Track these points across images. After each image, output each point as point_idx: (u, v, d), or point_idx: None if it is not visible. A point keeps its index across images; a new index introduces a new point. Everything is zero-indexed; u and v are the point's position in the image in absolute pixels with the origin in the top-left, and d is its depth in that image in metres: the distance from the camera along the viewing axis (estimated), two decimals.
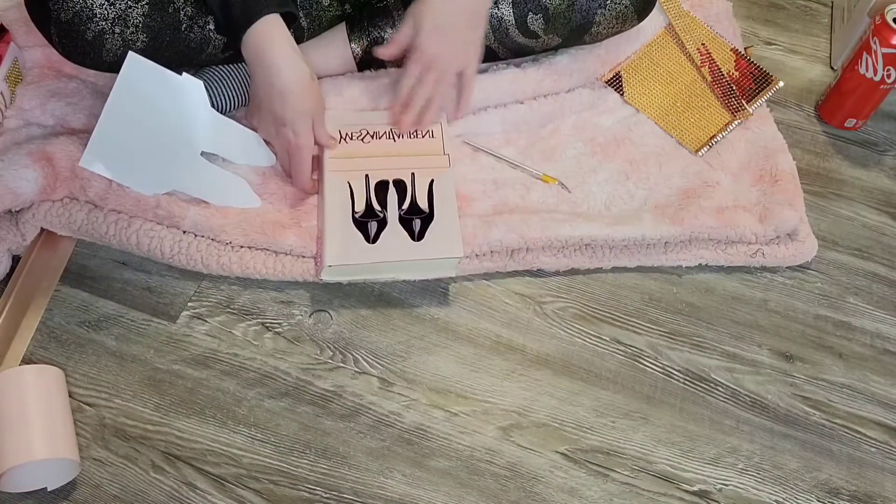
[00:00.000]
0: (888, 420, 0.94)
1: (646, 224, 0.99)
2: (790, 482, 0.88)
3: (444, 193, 0.98)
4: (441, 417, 0.89)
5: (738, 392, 0.94)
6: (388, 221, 0.95)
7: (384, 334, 0.94)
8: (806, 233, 1.04)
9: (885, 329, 1.01)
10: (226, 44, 0.97)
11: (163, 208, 0.94)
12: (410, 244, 0.94)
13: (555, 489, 0.86)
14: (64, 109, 1.01)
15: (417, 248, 0.93)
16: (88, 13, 0.90)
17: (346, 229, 0.94)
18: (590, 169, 1.06)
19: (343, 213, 0.95)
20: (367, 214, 0.95)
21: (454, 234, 0.94)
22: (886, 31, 1.05)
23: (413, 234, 0.94)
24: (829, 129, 1.18)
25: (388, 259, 0.93)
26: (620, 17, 1.07)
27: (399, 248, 0.93)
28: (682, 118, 1.13)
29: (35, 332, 0.91)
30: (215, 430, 0.86)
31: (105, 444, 0.84)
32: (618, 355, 0.95)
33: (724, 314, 1.00)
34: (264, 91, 0.93)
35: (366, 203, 0.96)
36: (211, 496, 0.82)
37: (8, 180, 0.90)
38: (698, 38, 1.19)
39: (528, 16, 1.04)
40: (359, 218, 0.95)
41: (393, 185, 0.98)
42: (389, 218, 0.95)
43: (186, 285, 0.95)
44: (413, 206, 0.96)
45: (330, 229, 0.94)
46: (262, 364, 0.91)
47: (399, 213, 0.96)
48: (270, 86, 0.92)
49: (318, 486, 0.84)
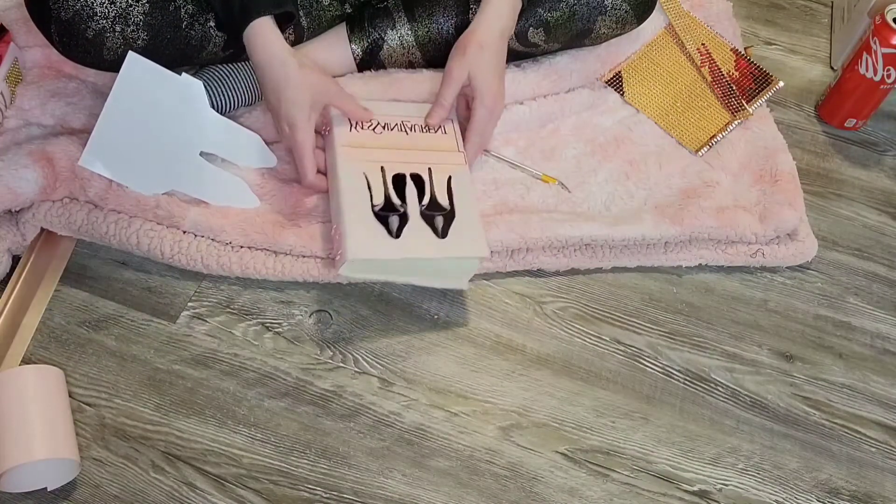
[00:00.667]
0: (888, 420, 0.94)
1: (646, 224, 0.99)
2: (790, 482, 0.88)
3: (463, 191, 0.95)
4: (441, 417, 0.89)
5: (738, 392, 0.94)
6: (410, 217, 0.92)
7: (384, 334, 0.94)
8: (806, 233, 1.04)
9: (885, 329, 1.01)
10: (226, 41, 0.97)
11: (163, 208, 0.94)
12: (435, 241, 0.90)
13: (555, 489, 0.86)
14: (64, 109, 1.01)
15: (442, 245, 0.90)
16: (89, 12, 0.90)
17: (368, 222, 0.89)
18: (590, 169, 1.06)
19: (362, 205, 0.91)
20: (387, 208, 0.92)
21: (478, 233, 0.92)
22: (886, 31, 1.05)
23: (437, 231, 0.91)
24: (829, 129, 1.18)
25: (413, 255, 0.89)
26: (620, 22, 1.07)
27: (424, 245, 0.89)
28: (683, 118, 1.13)
29: (35, 332, 0.91)
30: (215, 430, 0.86)
31: (105, 444, 0.84)
32: (618, 355, 0.95)
33: (724, 314, 1.00)
34: (262, 91, 0.94)
35: (384, 196, 0.93)
36: (211, 496, 0.82)
37: (8, 180, 0.90)
38: (698, 38, 1.19)
39: (529, 31, 1.04)
40: (378, 212, 0.91)
41: (411, 179, 0.95)
42: (410, 213, 0.92)
43: (186, 285, 0.95)
44: (433, 202, 0.94)
45: (350, 222, 0.89)
46: (262, 364, 0.91)
47: (420, 209, 0.93)
48: (264, 85, 0.93)
49: (318, 486, 0.84)
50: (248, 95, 1.03)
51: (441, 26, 1.05)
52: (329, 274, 0.95)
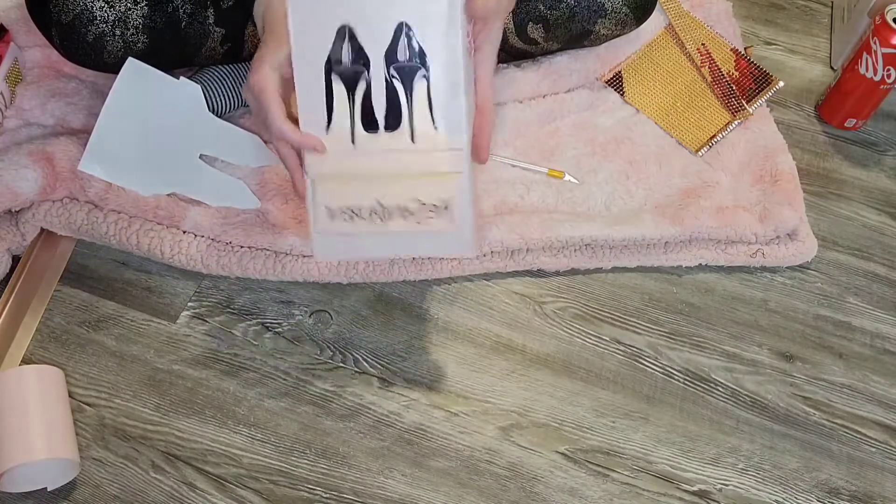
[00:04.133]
0: (888, 420, 0.94)
1: (646, 224, 0.99)
2: (790, 482, 0.88)
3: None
4: (441, 417, 0.89)
5: (738, 392, 0.94)
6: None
7: (384, 334, 0.94)
8: (806, 233, 1.04)
9: (885, 329, 1.01)
10: (224, 36, 0.97)
11: (163, 209, 0.95)
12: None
13: (555, 489, 0.86)
14: (64, 109, 1.01)
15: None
16: (89, 16, 0.90)
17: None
18: (590, 169, 1.06)
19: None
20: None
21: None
22: (886, 31, 1.05)
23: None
24: (829, 129, 1.18)
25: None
26: (620, 24, 1.07)
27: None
28: (683, 118, 1.13)
29: (35, 332, 0.91)
30: (215, 430, 0.86)
31: (105, 444, 0.84)
32: (618, 355, 0.95)
33: (724, 314, 1.00)
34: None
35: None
36: (211, 496, 0.82)
37: (8, 180, 0.90)
38: (698, 38, 1.19)
39: (528, 25, 1.04)
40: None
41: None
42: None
43: (186, 285, 0.95)
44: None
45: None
46: (262, 364, 0.91)
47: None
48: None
49: (318, 486, 0.84)
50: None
51: None
52: (329, 274, 0.95)
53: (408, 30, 0.74)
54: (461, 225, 0.80)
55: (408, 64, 0.76)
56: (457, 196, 0.79)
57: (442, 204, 0.79)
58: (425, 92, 0.76)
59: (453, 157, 0.78)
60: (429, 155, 0.78)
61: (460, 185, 0.78)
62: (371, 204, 0.80)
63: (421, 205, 0.79)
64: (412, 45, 0.75)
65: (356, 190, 0.79)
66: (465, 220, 0.80)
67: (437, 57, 0.75)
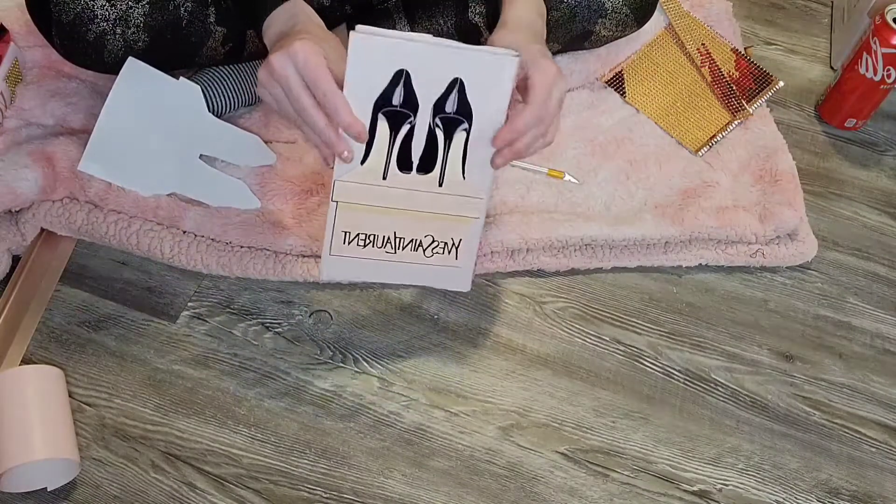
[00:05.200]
0: (888, 420, 0.94)
1: (646, 224, 0.99)
2: (790, 482, 0.88)
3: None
4: (441, 417, 0.89)
5: (738, 392, 0.94)
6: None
7: (384, 334, 0.94)
8: (806, 233, 1.04)
9: (885, 329, 1.01)
10: (225, 35, 0.97)
11: (163, 209, 0.95)
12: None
13: (555, 489, 0.86)
14: (64, 109, 1.01)
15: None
16: (90, 14, 0.90)
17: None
18: (590, 169, 1.06)
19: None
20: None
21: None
22: (886, 31, 1.05)
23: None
24: (829, 129, 1.18)
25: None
26: (621, 25, 1.07)
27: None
28: (683, 118, 1.13)
29: (35, 332, 0.91)
30: (215, 430, 0.86)
31: (105, 444, 0.84)
32: (618, 355, 0.95)
33: (724, 314, 1.00)
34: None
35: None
36: (211, 496, 0.82)
37: (8, 180, 0.90)
38: (698, 38, 1.19)
39: None
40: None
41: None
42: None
43: (186, 285, 0.95)
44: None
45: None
46: (262, 364, 0.91)
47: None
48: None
49: (318, 486, 0.84)
50: (247, 96, 1.03)
51: (441, 27, 1.05)
52: None
53: (461, 86, 0.77)
54: (464, 263, 0.88)
55: (454, 116, 0.79)
56: (467, 238, 0.86)
57: (452, 243, 0.86)
58: (462, 144, 0.80)
59: (474, 205, 0.84)
60: (452, 199, 0.83)
61: (473, 229, 0.86)
62: (387, 235, 0.85)
63: (432, 240, 0.86)
64: (462, 100, 0.78)
65: (376, 220, 0.84)
66: (468, 260, 0.88)
67: (481, 115, 0.79)
